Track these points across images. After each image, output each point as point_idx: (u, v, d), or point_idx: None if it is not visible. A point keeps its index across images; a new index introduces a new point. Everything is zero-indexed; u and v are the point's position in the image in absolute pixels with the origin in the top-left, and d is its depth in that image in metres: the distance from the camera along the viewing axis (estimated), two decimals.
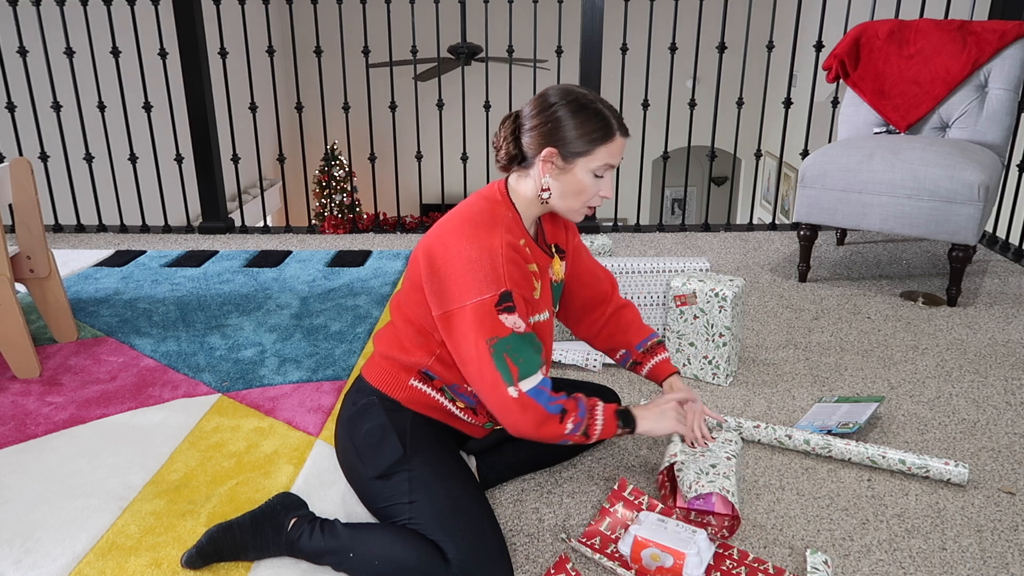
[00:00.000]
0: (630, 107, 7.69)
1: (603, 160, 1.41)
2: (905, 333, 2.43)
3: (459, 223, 1.40)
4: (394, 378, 1.48)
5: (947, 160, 2.50)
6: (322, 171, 8.55)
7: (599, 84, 3.38)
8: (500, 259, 1.35)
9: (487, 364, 1.34)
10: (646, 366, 1.69)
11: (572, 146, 1.39)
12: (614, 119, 1.41)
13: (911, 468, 1.67)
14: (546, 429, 1.37)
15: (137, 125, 4.00)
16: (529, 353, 1.36)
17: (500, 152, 1.48)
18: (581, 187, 1.42)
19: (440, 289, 1.37)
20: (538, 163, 1.42)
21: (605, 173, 1.43)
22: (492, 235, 1.37)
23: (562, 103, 1.40)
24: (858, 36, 3.00)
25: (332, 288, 2.82)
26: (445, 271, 1.36)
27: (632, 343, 1.70)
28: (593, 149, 1.39)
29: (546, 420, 1.37)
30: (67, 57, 3.35)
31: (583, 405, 1.42)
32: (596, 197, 1.45)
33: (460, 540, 1.29)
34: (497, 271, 1.34)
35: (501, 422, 1.39)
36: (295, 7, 8.30)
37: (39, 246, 2.25)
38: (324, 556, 1.36)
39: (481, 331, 1.33)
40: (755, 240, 3.43)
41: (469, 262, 1.34)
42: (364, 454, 1.43)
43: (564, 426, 1.38)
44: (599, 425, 1.43)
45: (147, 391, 2.06)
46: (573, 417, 1.39)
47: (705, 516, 1.53)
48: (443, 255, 1.37)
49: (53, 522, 1.53)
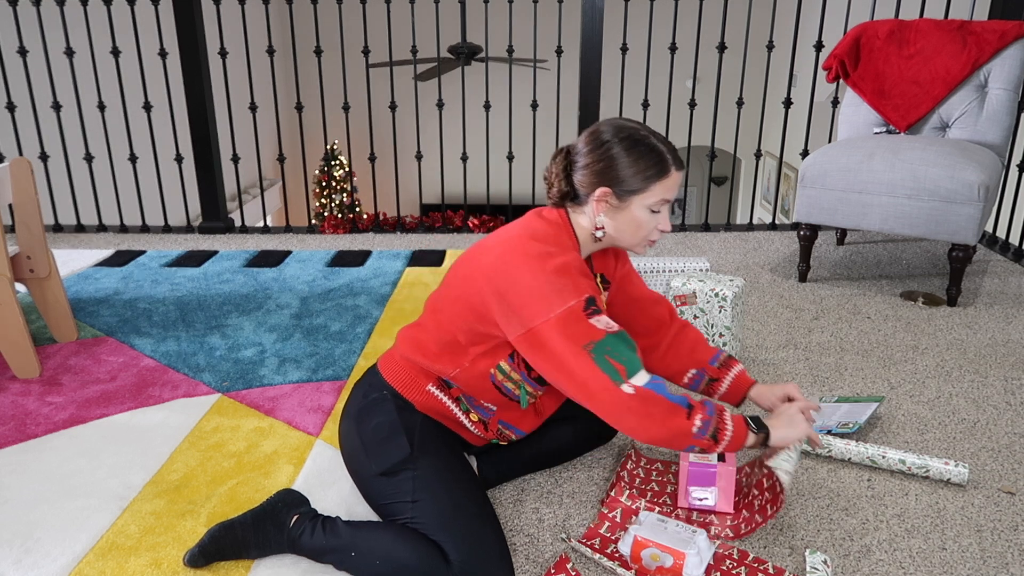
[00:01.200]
0: (630, 107, 7.69)
1: (659, 196, 1.39)
2: (905, 333, 2.43)
3: (525, 242, 1.36)
4: (412, 380, 1.47)
5: (947, 160, 2.50)
6: (322, 171, 8.55)
7: (599, 84, 3.38)
8: (574, 271, 1.34)
9: (591, 370, 1.27)
10: (724, 381, 1.62)
11: (627, 184, 1.37)
12: (668, 153, 1.39)
13: (911, 468, 1.67)
14: (672, 423, 1.27)
15: (137, 125, 4.00)
16: (629, 352, 1.31)
17: (552, 189, 1.45)
18: (638, 224, 1.41)
19: (516, 310, 1.31)
20: (592, 202, 1.40)
21: (662, 208, 1.41)
22: (564, 253, 1.36)
23: (615, 140, 1.38)
24: (858, 36, 2.99)
25: (332, 288, 2.82)
26: (519, 289, 1.31)
27: (704, 360, 1.63)
28: (648, 186, 1.38)
29: (672, 412, 1.27)
30: (67, 57, 3.35)
31: (710, 404, 1.34)
32: (655, 231, 1.43)
33: (461, 542, 1.29)
34: (575, 280, 1.32)
35: (623, 429, 1.29)
36: (295, 7, 8.29)
37: (39, 246, 2.25)
38: (326, 554, 1.36)
39: (575, 339, 1.28)
40: (755, 240, 3.43)
41: (544, 275, 1.30)
42: (370, 449, 1.42)
43: (692, 422, 1.28)
44: (729, 429, 1.33)
45: (147, 391, 2.06)
46: (701, 414, 1.30)
47: (707, 516, 1.53)
48: (511, 276, 1.32)
49: (53, 522, 1.53)
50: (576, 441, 1.70)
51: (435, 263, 3.11)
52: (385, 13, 3.59)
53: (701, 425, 1.30)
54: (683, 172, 1.42)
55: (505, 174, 8.29)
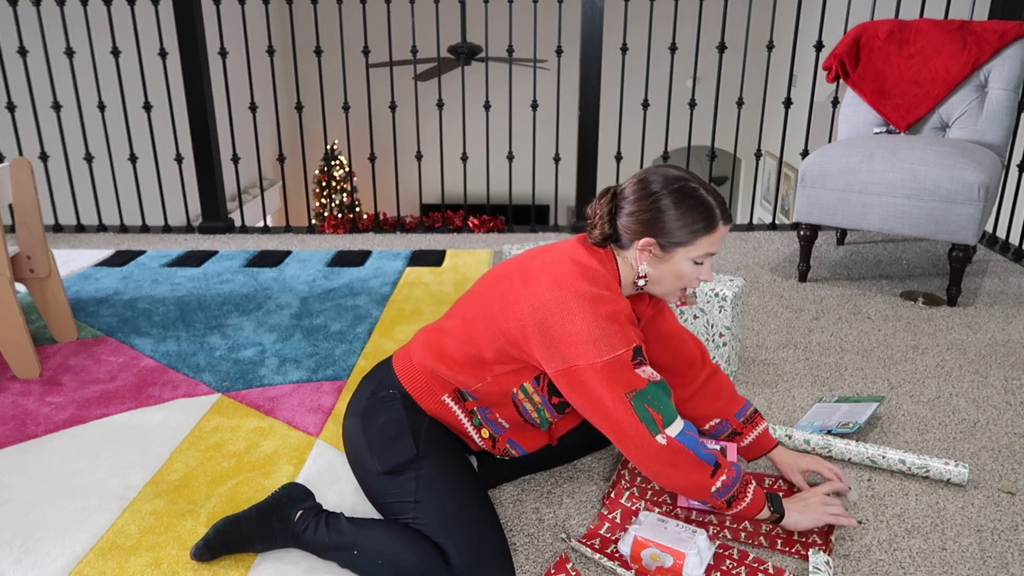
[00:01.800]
0: (630, 107, 7.69)
1: (704, 250, 1.38)
2: (905, 333, 2.43)
3: (577, 281, 1.34)
4: (428, 388, 1.46)
5: (947, 160, 2.50)
6: (322, 171, 8.55)
7: (599, 84, 3.38)
8: (624, 319, 1.34)
9: (629, 417, 1.30)
10: (748, 437, 1.62)
11: (673, 237, 1.36)
12: (718, 208, 1.38)
13: (911, 468, 1.67)
14: (695, 478, 1.33)
15: (137, 125, 4.00)
16: (666, 400, 1.33)
17: (595, 231, 1.43)
18: (680, 274, 1.40)
19: (561, 348, 1.31)
20: (635, 250, 1.40)
21: (705, 260, 1.41)
22: (615, 298, 1.35)
23: (665, 192, 1.36)
24: (858, 36, 3.00)
25: (332, 288, 2.82)
26: (566, 328, 1.31)
27: (730, 412, 1.62)
28: (695, 240, 1.37)
29: (697, 468, 1.32)
30: (67, 57, 3.35)
31: (738, 471, 1.38)
32: (695, 280, 1.42)
33: (463, 544, 1.29)
34: (625, 329, 1.33)
35: (649, 473, 1.34)
36: (295, 7, 8.29)
37: (39, 246, 2.25)
38: (328, 551, 1.36)
39: (618, 386, 1.30)
40: (755, 240, 3.43)
41: (596, 320, 1.30)
42: (375, 447, 1.42)
43: (714, 482, 1.34)
44: (747, 501, 1.39)
45: (147, 391, 2.06)
46: (724, 477, 1.35)
47: (706, 516, 1.53)
48: (562, 314, 1.32)
49: (53, 522, 1.53)
50: (577, 443, 1.70)
51: (435, 263, 3.11)
52: (385, 13, 3.59)
53: (721, 487, 1.35)
54: (730, 225, 1.41)
55: (505, 174, 8.29)
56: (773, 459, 1.62)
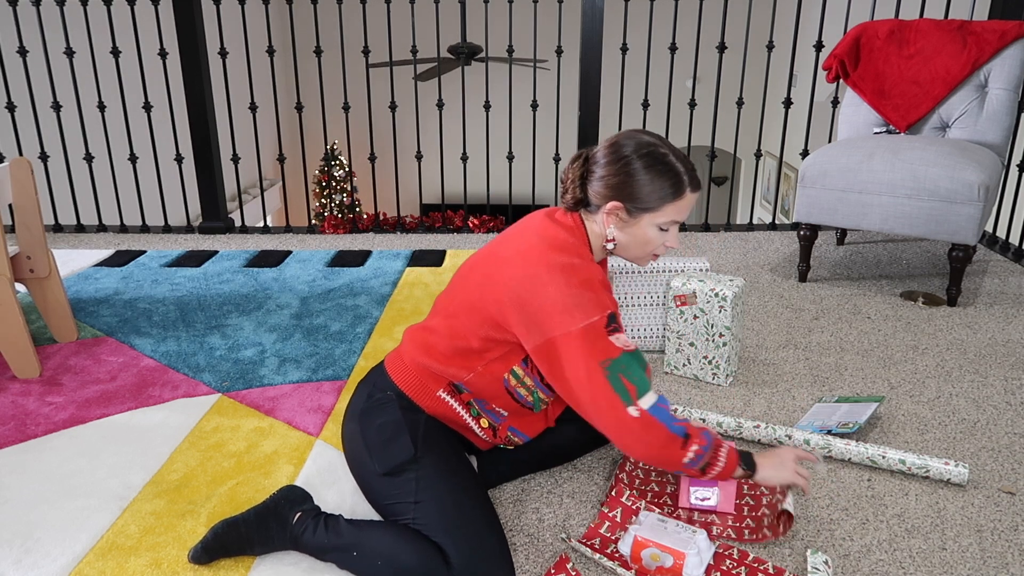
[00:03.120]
0: (630, 107, 7.69)
1: (670, 217, 1.40)
2: (905, 333, 2.43)
3: (545, 252, 1.36)
4: (422, 385, 1.47)
5: (947, 160, 2.50)
6: (322, 171, 8.55)
7: (599, 84, 3.38)
8: (598, 285, 1.35)
9: (602, 387, 1.30)
10: None
11: (640, 202, 1.38)
12: (686, 175, 1.39)
13: (911, 468, 1.67)
14: (667, 452, 1.33)
15: (137, 125, 4.00)
16: (640, 372, 1.34)
17: (567, 195, 1.45)
18: (646, 240, 1.42)
19: (537, 320, 1.33)
20: (603, 214, 1.41)
21: (671, 227, 1.42)
22: (586, 264, 1.36)
23: (635, 156, 1.38)
24: (858, 36, 3.00)
25: (332, 288, 2.82)
26: (541, 301, 1.32)
27: None
28: (662, 206, 1.38)
29: (669, 441, 1.32)
30: (67, 57, 3.34)
31: (709, 437, 1.38)
32: (661, 247, 1.44)
33: (462, 544, 1.29)
34: (599, 295, 1.34)
35: (620, 446, 1.34)
36: (295, 7, 8.29)
37: (39, 246, 2.25)
38: (327, 553, 1.36)
39: (592, 354, 1.30)
40: (755, 240, 3.43)
41: (570, 288, 1.32)
42: (374, 449, 1.42)
43: (685, 452, 1.34)
44: (721, 463, 1.39)
45: (147, 391, 2.06)
46: (696, 447, 1.35)
47: (707, 516, 1.53)
48: (535, 286, 1.33)
49: (53, 522, 1.53)
50: (577, 442, 1.70)
51: (435, 263, 3.11)
52: (385, 13, 3.59)
53: (693, 457, 1.35)
54: (699, 193, 1.42)
55: (505, 174, 8.29)
56: None
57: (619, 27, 5.89)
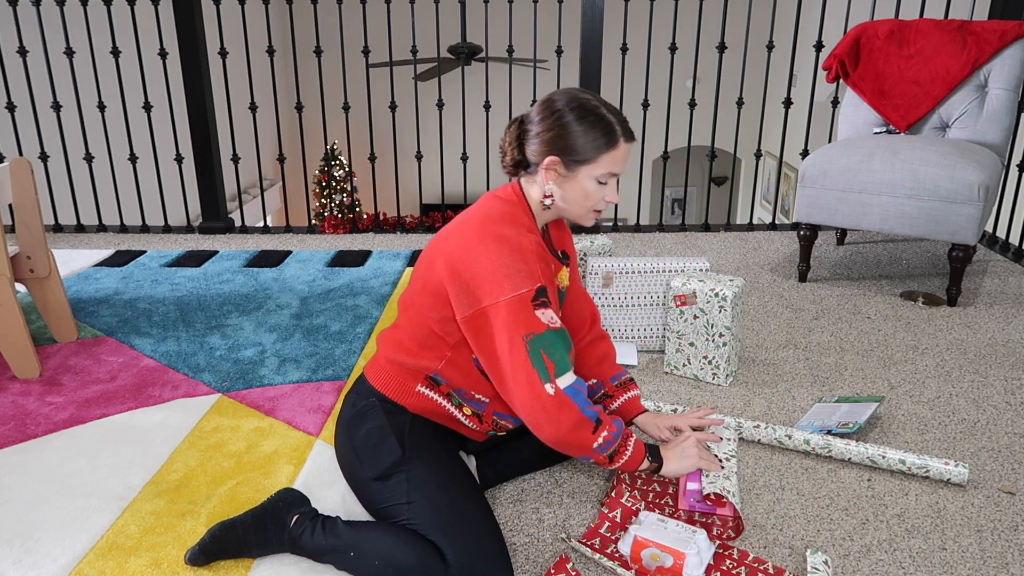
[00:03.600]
0: (630, 107, 7.69)
1: (606, 168, 1.40)
2: (905, 333, 2.43)
3: (481, 224, 1.38)
4: (400, 383, 1.48)
5: (947, 160, 2.50)
6: (322, 171, 8.55)
7: (599, 84, 3.38)
8: (531, 256, 1.35)
9: (521, 361, 1.31)
10: (617, 400, 1.67)
11: (576, 154, 1.38)
12: (619, 125, 1.39)
13: (911, 468, 1.67)
14: (577, 435, 1.33)
15: (137, 125, 4.00)
16: (562, 350, 1.34)
17: (506, 157, 1.47)
18: (585, 194, 1.42)
19: (469, 290, 1.34)
20: (542, 171, 1.41)
21: (609, 180, 1.42)
22: (519, 234, 1.37)
23: (567, 109, 1.38)
24: (858, 36, 3.00)
25: (332, 288, 2.82)
26: (474, 271, 1.34)
27: (607, 375, 1.67)
28: (597, 157, 1.38)
29: (580, 424, 1.33)
30: (67, 57, 3.35)
31: (619, 426, 1.39)
32: (601, 202, 1.44)
33: (458, 541, 1.29)
34: (531, 267, 1.34)
35: (532, 426, 1.35)
36: (295, 7, 8.29)
37: (39, 246, 2.25)
38: (325, 554, 1.36)
39: (516, 327, 1.31)
40: (755, 240, 3.43)
41: (501, 258, 1.33)
42: (363, 455, 1.43)
43: (595, 438, 1.35)
44: (628, 453, 1.40)
45: (147, 391, 2.06)
46: (606, 433, 1.36)
47: (708, 517, 1.53)
48: (469, 256, 1.35)
49: (53, 522, 1.53)
50: None
51: None
52: (385, 13, 3.59)
53: (603, 443, 1.36)
54: (633, 144, 1.41)
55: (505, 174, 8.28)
56: (638, 423, 1.66)
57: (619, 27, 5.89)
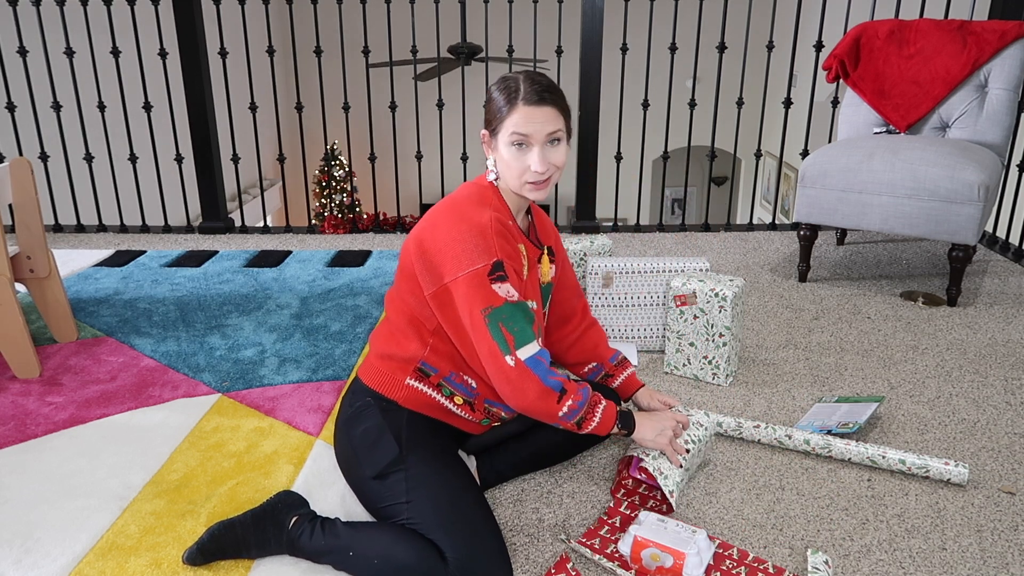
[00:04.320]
0: (630, 107, 7.69)
1: (510, 130, 1.39)
2: (905, 333, 2.43)
3: (447, 207, 1.44)
4: (390, 379, 1.49)
5: (947, 160, 2.50)
6: (322, 171, 8.55)
7: (599, 84, 3.37)
8: (490, 232, 1.38)
9: (483, 334, 1.36)
10: (618, 378, 1.74)
11: (490, 124, 1.42)
12: (523, 88, 1.38)
13: (911, 468, 1.67)
14: (542, 403, 1.38)
15: (137, 125, 4.00)
16: (523, 323, 1.37)
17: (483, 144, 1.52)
18: (507, 162, 1.42)
19: (432, 267, 1.40)
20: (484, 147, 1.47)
21: (524, 143, 1.39)
22: (480, 212, 1.40)
23: (493, 84, 1.43)
24: (858, 36, 2.99)
25: (332, 288, 2.82)
26: (435, 248, 1.39)
27: (605, 357, 1.75)
28: (503, 121, 1.40)
29: (544, 394, 1.37)
30: (67, 57, 3.35)
31: (585, 394, 1.43)
32: (528, 171, 1.41)
33: (456, 539, 1.29)
34: (488, 242, 1.37)
35: (500, 394, 1.40)
36: (295, 7, 8.29)
37: (39, 246, 2.25)
38: (324, 555, 1.36)
39: (475, 301, 1.35)
40: (755, 240, 3.43)
41: (460, 235, 1.37)
42: (361, 455, 1.44)
43: (560, 407, 1.39)
44: (596, 420, 1.45)
45: (147, 391, 2.06)
46: (571, 402, 1.40)
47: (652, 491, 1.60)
48: (432, 235, 1.40)
49: (53, 522, 1.53)
50: (573, 438, 1.70)
51: None
52: (385, 13, 3.59)
53: (568, 411, 1.40)
54: (541, 108, 1.38)
55: None
56: (637, 397, 1.73)
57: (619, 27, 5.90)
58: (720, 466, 1.72)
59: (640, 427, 1.52)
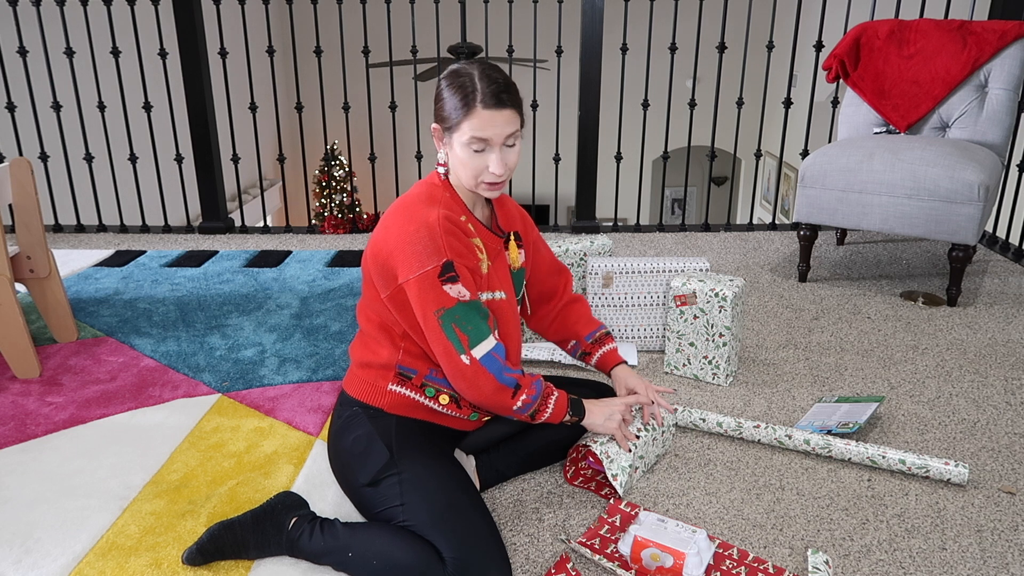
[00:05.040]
0: (630, 107, 7.69)
1: (469, 134, 1.35)
2: (905, 333, 2.43)
3: (398, 208, 1.44)
4: (373, 386, 1.50)
5: (947, 160, 2.50)
6: (322, 171, 8.55)
7: (599, 84, 3.38)
8: (438, 231, 1.38)
9: (437, 335, 1.37)
10: (595, 356, 1.74)
11: (444, 121, 1.40)
12: (481, 90, 1.34)
13: (911, 468, 1.67)
14: (497, 399, 1.41)
15: (137, 125, 4.00)
16: (476, 320, 1.38)
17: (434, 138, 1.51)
18: (463, 161, 1.39)
19: (385, 270, 1.41)
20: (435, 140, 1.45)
21: (484, 147, 1.37)
22: (428, 211, 1.40)
23: (444, 77, 1.40)
24: (858, 36, 3.00)
25: (332, 288, 2.82)
26: (387, 250, 1.40)
27: (581, 334, 1.74)
28: (459, 122, 1.36)
29: (498, 391, 1.40)
30: (67, 57, 3.34)
31: (539, 387, 1.45)
32: (486, 172, 1.39)
33: (454, 538, 1.29)
34: (436, 243, 1.37)
35: (456, 390, 1.42)
36: (295, 7, 8.29)
37: (39, 246, 2.25)
38: (324, 556, 1.36)
39: (427, 303, 1.36)
40: (755, 240, 3.43)
41: (408, 237, 1.37)
42: (354, 464, 1.45)
43: (515, 401, 1.42)
44: (549, 411, 1.48)
45: (147, 391, 2.06)
46: (524, 396, 1.43)
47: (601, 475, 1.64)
48: (384, 237, 1.41)
49: (53, 522, 1.53)
50: (570, 435, 1.69)
51: None
52: (385, 13, 3.59)
53: (522, 405, 1.43)
54: (500, 111, 1.34)
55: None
56: (613, 375, 1.71)
57: (619, 27, 5.89)
58: (720, 466, 1.72)
59: (590, 413, 1.54)
